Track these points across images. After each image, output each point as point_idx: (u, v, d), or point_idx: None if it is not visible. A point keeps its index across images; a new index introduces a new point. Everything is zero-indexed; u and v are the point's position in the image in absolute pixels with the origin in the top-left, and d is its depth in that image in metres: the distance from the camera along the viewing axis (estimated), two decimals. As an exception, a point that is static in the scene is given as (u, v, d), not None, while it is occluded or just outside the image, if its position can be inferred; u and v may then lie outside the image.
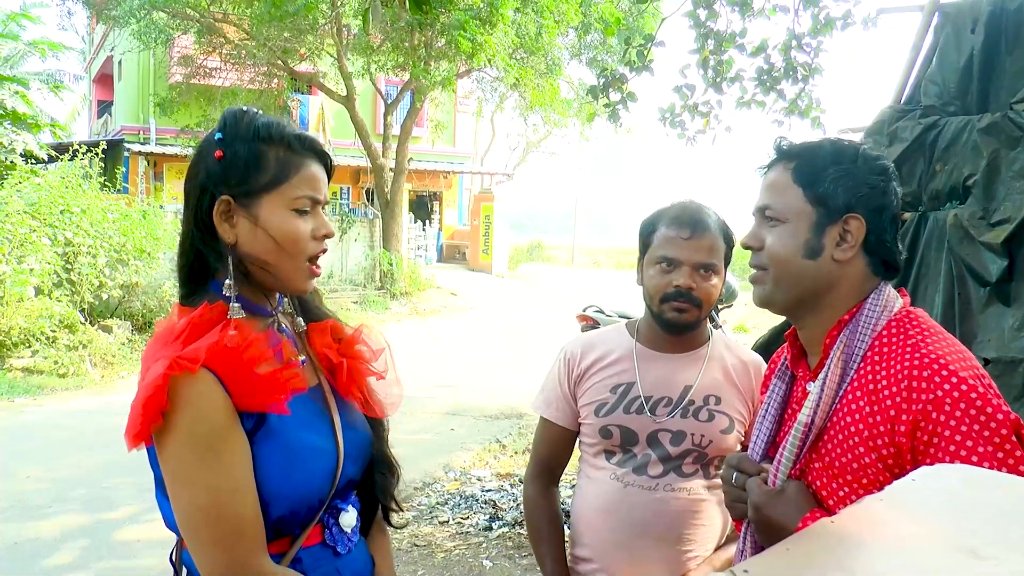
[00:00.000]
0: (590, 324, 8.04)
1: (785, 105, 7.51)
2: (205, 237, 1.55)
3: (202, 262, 1.57)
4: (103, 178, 13.23)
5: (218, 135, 1.54)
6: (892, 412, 1.41)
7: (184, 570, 1.58)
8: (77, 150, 12.92)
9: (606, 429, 2.21)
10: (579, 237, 42.86)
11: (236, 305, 1.52)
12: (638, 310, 2.39)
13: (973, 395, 1.36)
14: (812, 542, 0.63)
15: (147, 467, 1.52)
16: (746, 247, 1.64)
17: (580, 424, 2.31)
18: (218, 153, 1.52)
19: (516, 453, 7.41)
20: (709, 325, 2.35)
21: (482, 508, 5.97)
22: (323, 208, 1.60)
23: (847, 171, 1.54)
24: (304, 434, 1.52)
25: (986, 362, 4.35)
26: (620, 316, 8.10)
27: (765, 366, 2.32)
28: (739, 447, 2.25)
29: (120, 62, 25.89)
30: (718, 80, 7.29)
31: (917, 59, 5.73)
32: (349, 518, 1.63)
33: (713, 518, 2.23)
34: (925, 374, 1.39)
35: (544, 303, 20.90)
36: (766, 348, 5.37)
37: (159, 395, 1.37)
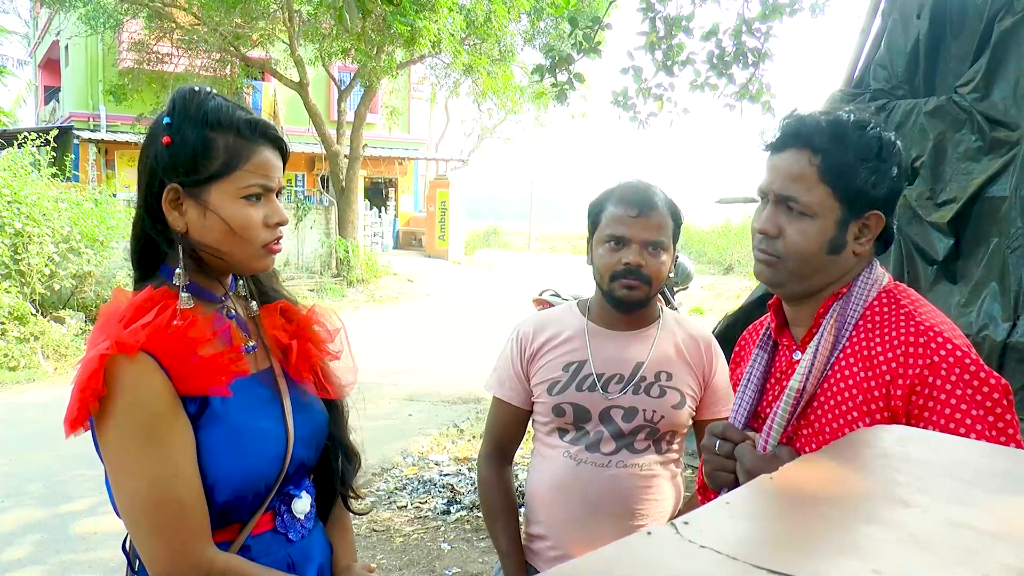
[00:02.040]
0: (547, 308, 8.07)
1: (736, 89, 7.60)
2: (155, 223, 1.53)
3: (153, 246, 1.56)
4: (53, 166, 12.96)
5: (166, 119, 1.50)
6: (888, 377, 1.45)
7: (138, 560, 1.54)
8: (27, 137, 12.63)
9: (559, 407, 2.24)
10: (535, 223, 42.87)
11: (185, 295, 1.50)
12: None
13: (967, 361, 1.42)
14: (752, 496, 0.66)
15: None
16: (762, 233, 1.60)
17: (533, 403, 2.34)
18: (166, 139, 1.48)
19: (474, 437, 7.44)
20: (660, 304, 2.39)
21: (440, 492, 6.00)
22: (277, 195, 1.58)
23: (874, 169, 1.52)
24: (250, 417, 1.51)
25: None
26: (576, 299, 8.15)
27: (716, 342, 2.36)
28: (690, 421, 2.29)
29: (67, 47, 25.35)
30: (669, 63, 7.34)
31: (866, 44, 5.83)
32: (302, 504, 1.61)
33: (665, 493, 2.27)
34: (921, 340, 1.44)
35: (501, 289, 20.91)
36: (725, 335, 5.45)
37: (95, 379, 1.36)
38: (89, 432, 1.45)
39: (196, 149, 1.48)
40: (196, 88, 1.55)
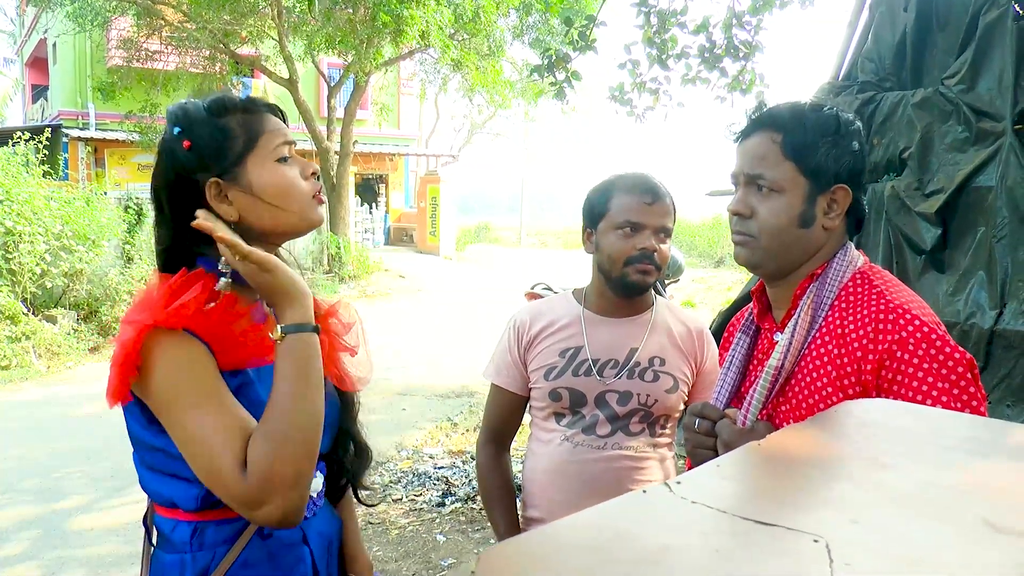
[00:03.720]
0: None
1: (728, 81, 7.64)
2: (195, 236, 1.54)
3: (181, 254, 1.59)
4: (45, 165, 12.91)
5: (176, 129, 1.55)
6: (859, 353, 1.51)
7: (156, 532, 1.60)
8: (20, 136, 12.59)
9: (555, 392, 2.30)
10: (526, 218, 42.92)
11: (226, 280, 1.52)
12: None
13: (933, 336, 1.47)
14: (741, 459, 0.70)
15: (99, 456, 1.55)
16: (736, 214, 1.68)
17: (530, 389, 2.39)
18: (186, 143, 1.53)
19: (468, 431, 7.48)
20: (652, 292, 2.44)
21: (435, 485, 6.04)
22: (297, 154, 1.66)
23: (834, 143, 1.60)
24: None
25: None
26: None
27: (708, 331, 2.43)
28: (682, 406, 2.35)
29: (55, 45, 25.23)
30: (663, 57, 7.39)
31: (854, 37, 5.88)
32: (315, 483, 1.67)
33: (657, 475, 2.33)
34: (891, 317, 1.50)
35: (493, 284, 20.94)
36: (721, 330, 5.51)
37: (134, 350, 1.40)
38: (87, 429, 1.50)
39: (216, 136, 1.54)
40: (186, 100, 1.62)
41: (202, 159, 1.53)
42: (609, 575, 0.48)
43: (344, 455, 1.81)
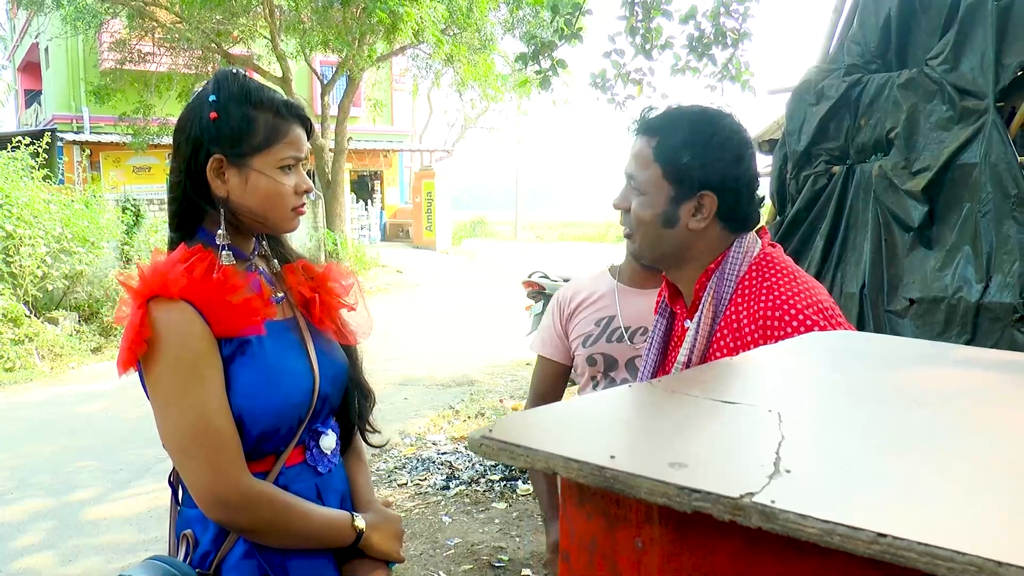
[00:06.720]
0: (536, 289, 8.27)
1: (717, 70, 7.73)
2: (199, 187, 1.70)
3: (193, 209, 1.73)
4: (45, 169, 13.00)
5: (212, 97, 1.68)
6: (752, 348, 1.60)
7: (181, 489, 1.73)
8: (21, 142, 12.69)
9: (591, 357, 2.53)
10: (521, 211, 43.00)
11: (226, 252, 1.69)
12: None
13: (816, 329, 1.57)
14: (718, 368, 0.82)
15: (107, 451, 1.68)
16: (616, 208, 1.82)
17: (573, 357, 2.61)
18: (213, 115, 1.66)
19: (469, 418, 7.60)
20: None
21: (439, 469, 6.16)
22: (302, 164, 1.78)
23: (701, 151, 1.67)
24: (282, 357, 1.69)
25: (911, 302, 4.65)
26: (564, 281, 8.32)
27: None
28: None
29: (47, 49, 25.29)
30: (647, 47, 7.47)
31: (840, 20, 5.99)
32: (329, 441, 1.79)
33: None
34: (777, 314, 1.61)
35: (489, 277, 21.05)
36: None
37: (142, 323, 1.55)
38: (93, 426, 1.62)
39: (241, 125, 1.67)
40: (235, 71, 1.75)
41: (220, 136, 1.67)
42: (597, 430, 0.59)
43: (352, 405, 1.93)
